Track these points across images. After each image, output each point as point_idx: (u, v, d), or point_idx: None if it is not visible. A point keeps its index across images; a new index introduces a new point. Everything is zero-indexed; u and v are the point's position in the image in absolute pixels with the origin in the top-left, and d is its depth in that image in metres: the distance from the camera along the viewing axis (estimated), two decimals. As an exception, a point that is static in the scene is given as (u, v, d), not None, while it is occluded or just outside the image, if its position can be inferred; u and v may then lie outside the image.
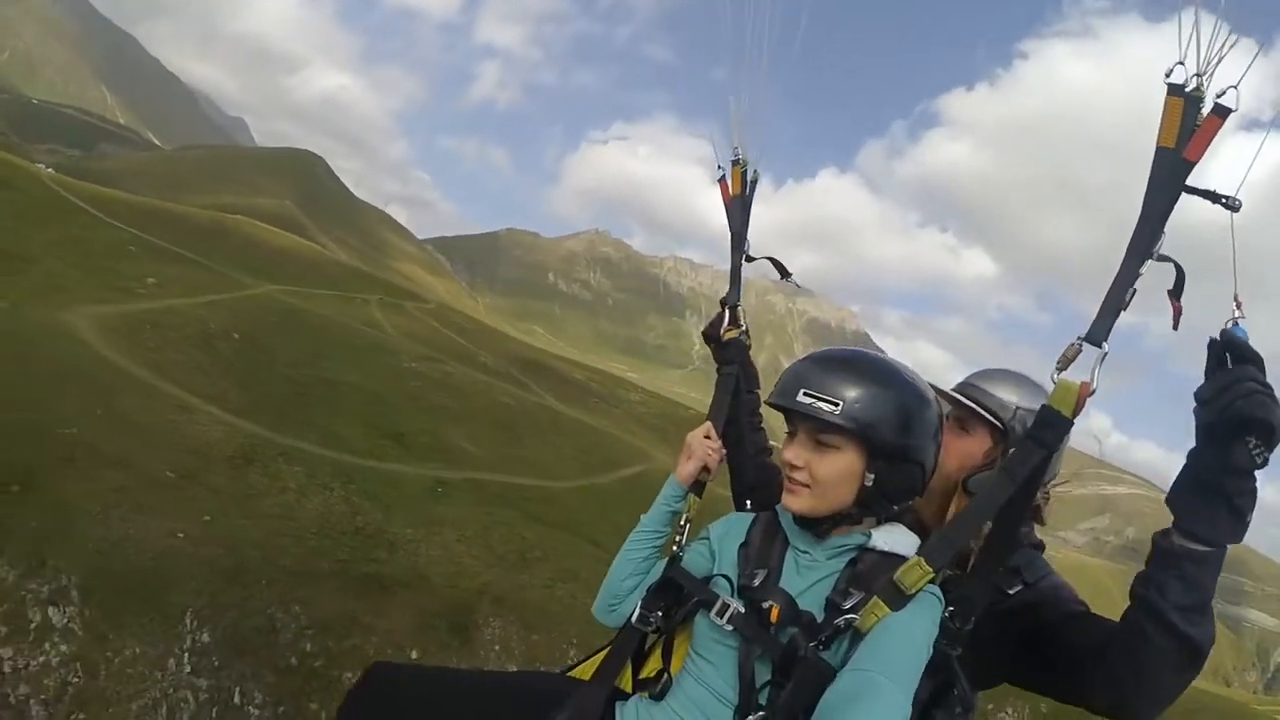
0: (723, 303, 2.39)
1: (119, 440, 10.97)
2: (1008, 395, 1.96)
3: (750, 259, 2.36)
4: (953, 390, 2.05)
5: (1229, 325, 1.39)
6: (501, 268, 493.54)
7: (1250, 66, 1.40)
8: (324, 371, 23.55)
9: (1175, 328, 1.52)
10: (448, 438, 23.17)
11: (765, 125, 2.31)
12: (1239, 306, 1.40)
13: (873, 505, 1.64)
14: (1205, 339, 1.43)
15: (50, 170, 57.78)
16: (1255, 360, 1.34)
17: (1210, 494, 1.37)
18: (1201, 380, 1.41)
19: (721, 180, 2.35)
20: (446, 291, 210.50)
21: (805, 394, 1.60)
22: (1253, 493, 1.36)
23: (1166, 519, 1.46)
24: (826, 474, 1.61)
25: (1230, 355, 1.37)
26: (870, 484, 1.60)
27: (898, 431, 1.58)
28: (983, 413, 1.97)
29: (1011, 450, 1.55)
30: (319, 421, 18.86)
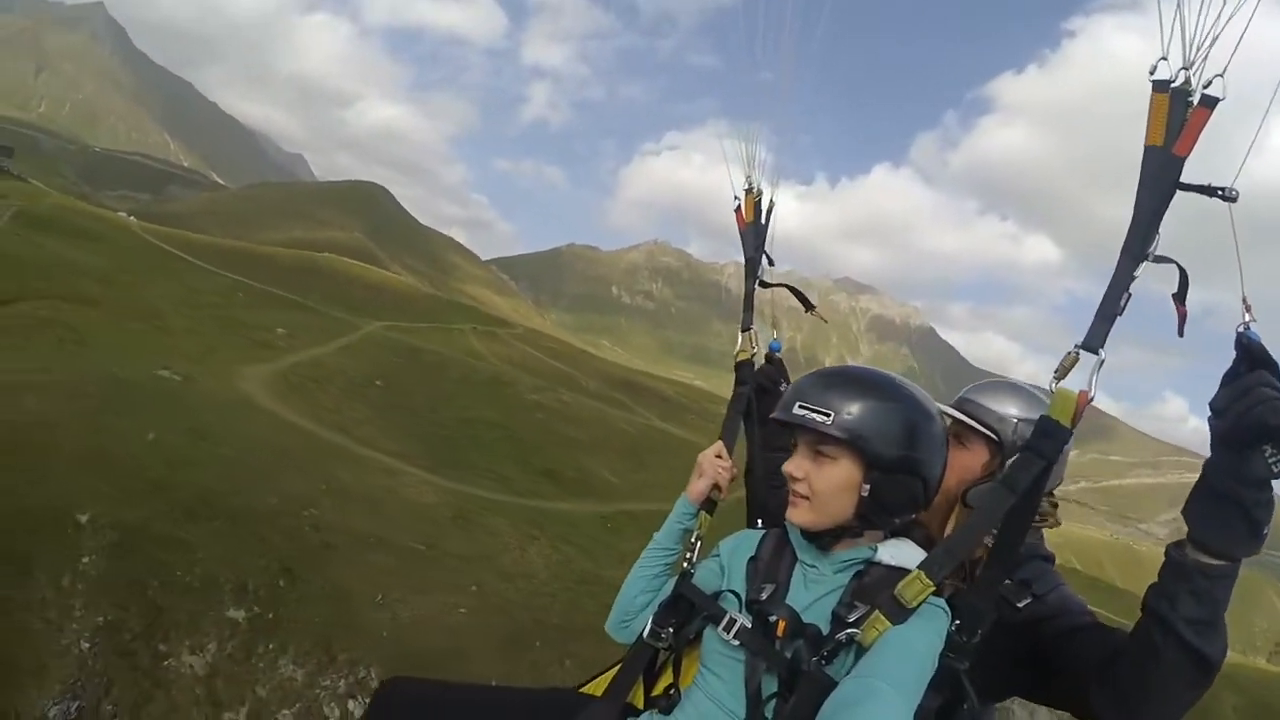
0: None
1: (359, 517, 10.96)
2: (1005, 408, 1.95)
3: (765, 285, 2.40)
4: (950, 406, 2.02)
5: (1240, 329, 1.34)
6: (565, 283, 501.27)
7: (1235, 53, 1.38)
8: (461, 411, 23.94)
9: (1181, 334, 1.48)
10: (589, 469, 23.07)
11: (779, 152, 2.34)
12: (1248, 309, 1.35)
13: (872, 517, 1.63)
14: (1274, 311, 1.18)
15: (132, 218, 60.27)
16: (1271, 365, 1.30)
17: (1226, 505, 1.33)
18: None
19: (737, 210, 2.39)
20: (515, 311, 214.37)
21: (800, 406, 1.62)
22: (1270, 504, 1.32)
23: None
24: (823, 485, 1.62)
25: (1246, 361, 1.32)
26: (867, 495, 1.60)
27: (893, 443, 1.58)
28: (978, 427, 1.96)
29: (1010, 461, 1.54)
30: (482, 465, 18.74)
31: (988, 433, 1.95)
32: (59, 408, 11.23)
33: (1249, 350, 1.33)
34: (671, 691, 1.83)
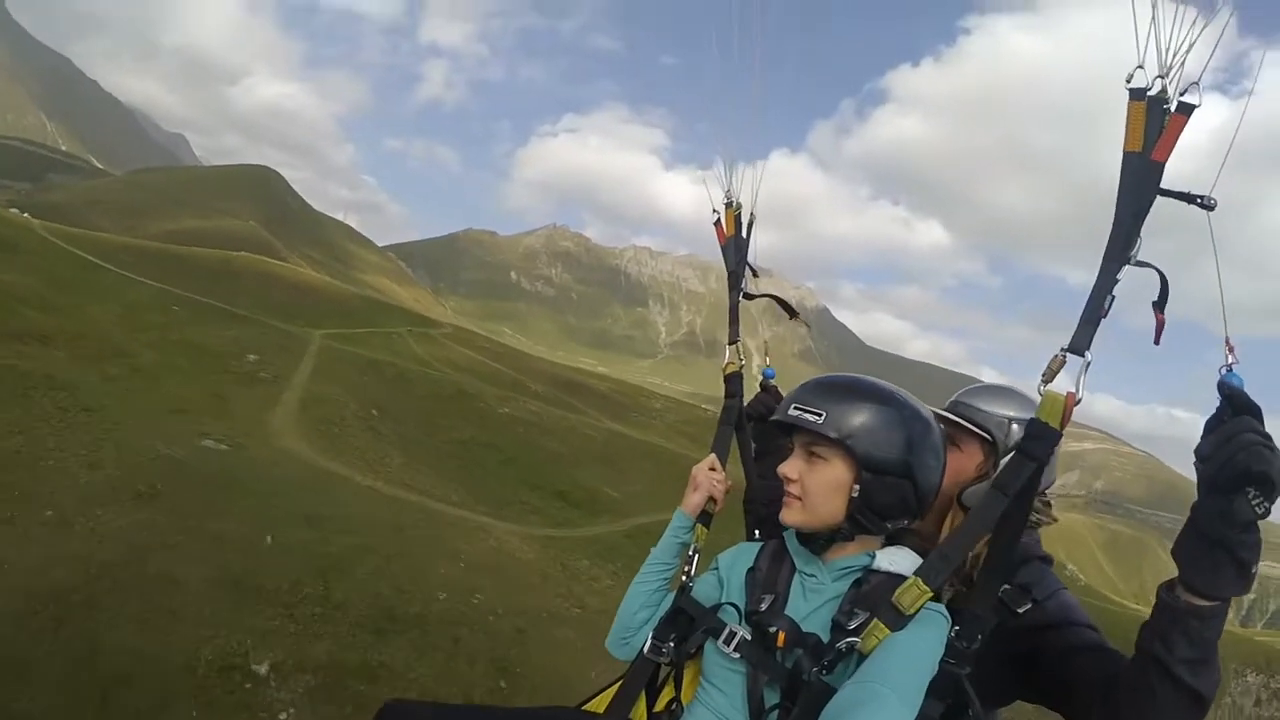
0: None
1: (507, 590, 10.60)
2: (998, 409, 2.02)
3: (749, 297, 2.44)
4: (943, 409, 2.09)
5: (1222, 372, 1.38)
6: (463, 270, 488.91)
7: (1209, 61, 1.40)
8: (450, 433, 23.48)
9: (1157, 341, 1.53)
10: (588, 486, 23.07)
11: (758, 165, 2.33)
12: (1231, 351, 1.38)
13: (861, 519, 1.66)
14: (1152, 294, 1.49)
15: (26, 215, 54.83)
16: (1253, 411, 1.33)
17: (1214, 548, 1.36)
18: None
19: (717, 224, 2.42)
20: (416, 300, 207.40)
21: (795, 407, 1.68)
22: (1257, 545, 1.35)
23: (1131, 470, 2.28)
24: (815, 485, 1.66)
25: (1229, 408, 1.36)
26: (857, 496, 1.63)
27: (883, 445, 1.62)
28: (971, 427, 2.03)
29: (1002, 464, 1.56)
30: (507, 496, 18.71)
31: (981, 434, 2.01)
32: (135, 516, 9.32)
33: (1231, 397, 1.35)
34: (674, 706, 1.88)
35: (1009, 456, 1.53)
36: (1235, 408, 1.34)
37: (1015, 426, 1.97)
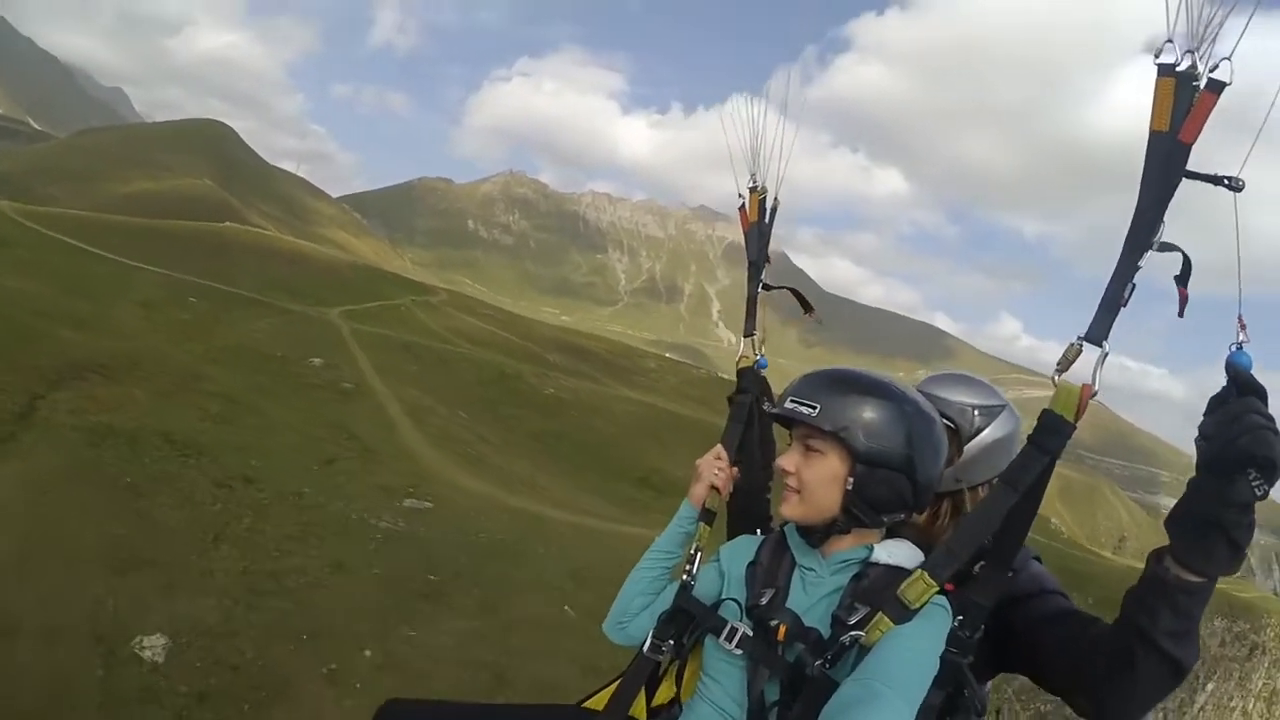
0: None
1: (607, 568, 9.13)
2: (960, 397, 2.02)
3: (768, 288, 2.30)
4: None
5: (1232, 349, 1.34)
6: (419, 219, 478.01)
7: (1242, 36, 1.31)
8: (518, 424, 23.17)
9: (1181, 314, 1.47)
10: (656, 467, 23.69)
11: (785, 150, 2.21)
12: (1243, 329, 1.34)
13: (856, 512, 1.64)
14: (1104, 245, 1.43)
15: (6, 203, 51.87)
16: (1259, 392, 1.32)
17: (1208, 526, 1.35)
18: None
19: (741, 209, 2.30)
20: (374, 252, 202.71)
21: (792, 401, 1.67)
22: (1251, 526, 1.35)
23: (1084, 417, 1.45)
24: (811, 478, 1.65)
25: (1234, 388, 1.33)
26: (851, 489, 1.62)
27: (877, 437, 1.60)
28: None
29: (1014, 459, 1.52)
30: (609, 491, 18.94)
31: (945, 422, 1.97)
32: (449, 627, 7.11)
33: (1236, 377, 1.33)
34: (674, 703, 1.90)
35: (1021, 451, 1.50)
36: (1241, 388, 1.32)
37: (977, 414, 1.99)
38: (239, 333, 26.66)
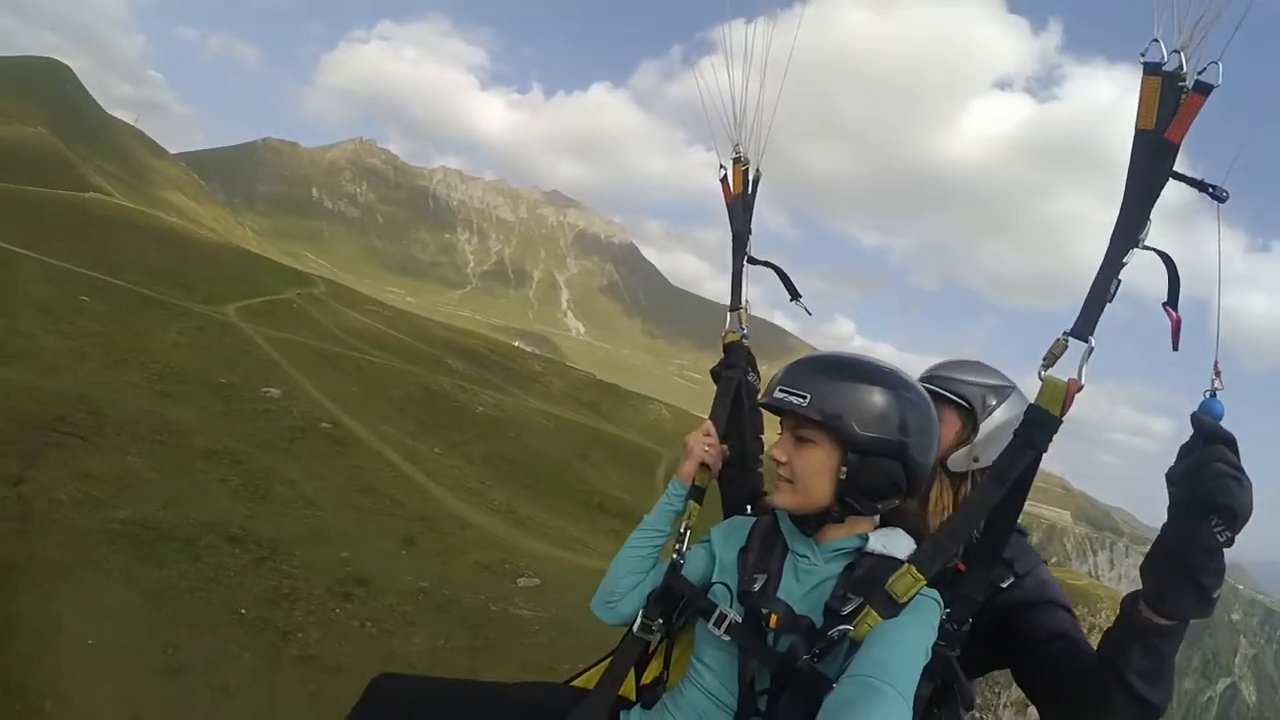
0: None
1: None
2: (974, 378, 2.08)
3: (754, 262, 2.26)
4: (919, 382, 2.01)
5: (1206, 396, 1.35)
6: (260, 183, 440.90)
7: (1232, 37, 1.31)
8: (467, 449, 23.37)
9: (1175, 347, 1.46)
10: (600, 489, 24.35)
11: (767, 121, 2.15)
12: (1218, 375, 1.34)
13: (850, 500, 1.63)
14: (936, 258, 1.37)
15: None
16: (1226, 440, 1.33)
17: (1178, 569, 1.38)
18: None
19: (723, 180, 2.26)
20: (214, 219, 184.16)
21: (781, 390, 1.66)
22: (1219, 570, 1.37)
23: None
24: (803, 468, 1.64)
25: (1202, 436, 1.34)
26: (844, 478, 1.61)
27: (869, 425, 1.59)
28: (951, 396, 2.08)
29: (1001, 453, 1.52)
30: (575, 515, 19.03)
31: (960, 402, 2.06)
32: None
33: (1203, 428, 1.35)
34: (658, 682, 1.92)
35: (1009, 446, 1.50)
36: (1207, 438, 1.34)
37: (989, 395, 2.05)
38: (156, 346, 23.75)
